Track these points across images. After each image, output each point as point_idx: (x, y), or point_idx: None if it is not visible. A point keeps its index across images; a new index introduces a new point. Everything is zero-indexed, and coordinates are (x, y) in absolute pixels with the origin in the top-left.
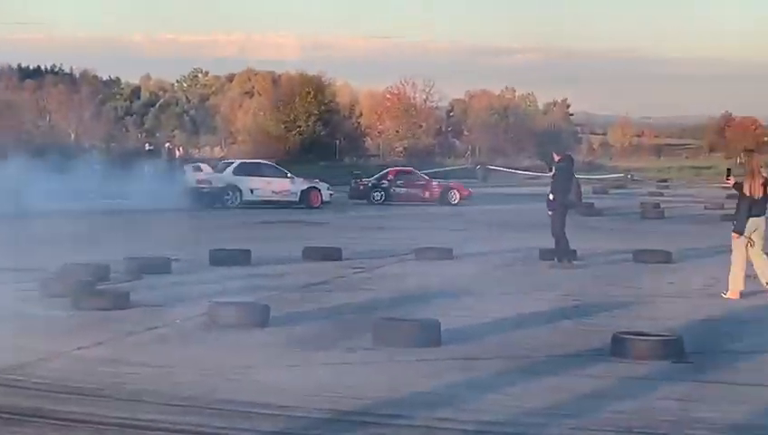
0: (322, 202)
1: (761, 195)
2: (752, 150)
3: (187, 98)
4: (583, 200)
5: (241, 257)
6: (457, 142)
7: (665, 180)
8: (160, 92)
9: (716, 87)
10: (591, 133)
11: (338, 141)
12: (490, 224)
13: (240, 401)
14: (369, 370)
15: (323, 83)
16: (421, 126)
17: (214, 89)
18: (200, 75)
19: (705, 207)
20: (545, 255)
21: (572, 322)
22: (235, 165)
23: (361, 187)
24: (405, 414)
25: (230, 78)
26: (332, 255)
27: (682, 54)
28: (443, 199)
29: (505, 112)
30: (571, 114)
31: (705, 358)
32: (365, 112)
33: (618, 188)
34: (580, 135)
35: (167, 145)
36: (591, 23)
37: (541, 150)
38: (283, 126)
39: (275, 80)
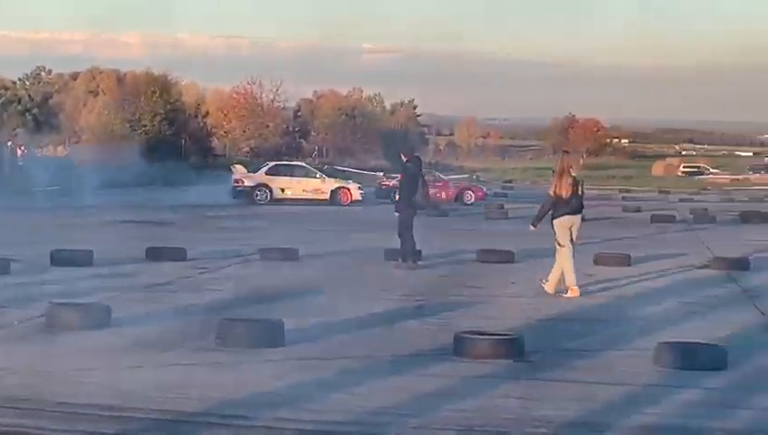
0: (352, 200)
1: (569, 194)
2: (567, 151)
3: (29, 96)
4: (430, 201)
5: (83, 258)
6: (304, 143)
7: (509, 181)
8: (2, 90)
9: (561, 89)
10: (438, 134)
11: (183, 141)
12: (336, 223)
13: (80, 403)
14: (214, 371)
15: (169, 82)
16: (268, 126)
17: (57, 87)
18: (43, 73)
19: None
20: (390, 255)
21: (416, 321)
22: (268, 166)
23: (383, 187)
24: (248, 415)
25: (74, 76)
26: (176, 255)
27: (529, 57)
28: (459, 199)
29: (353, 113)
30: (419, 115)
31: (544, 356)
32: (212, 112)
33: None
34: (426, 136)
35: (9, 143)
36: (441, 24)
37: (387, 151)
38: (127, 125)
39: (120, 78)
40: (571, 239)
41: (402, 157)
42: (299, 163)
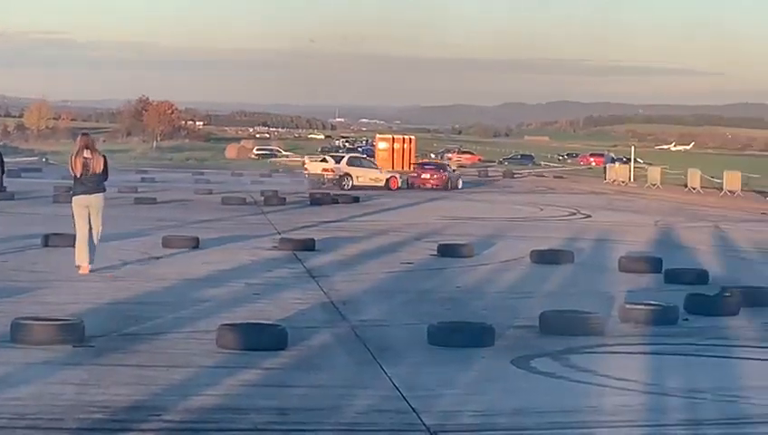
0: (399, 187)
1: (80, 173)
2: (85, 134)
3: None
4: (4, 184)
5: None
6: None
7: None
8: None
9: (133, 72)
10: (7, 115)
11: None
12: None
13: None
14: None
15: None
16: None
17: None
18: None
19: (119, 191)
20: None
21: None
22: (346, 158)
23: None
24: None
25: None
26: None
27: (103, 37)
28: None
29: None
30: None
31: (106, 341)
32: None
33: (34, 171)
34: None
35: None
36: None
37: None
38: None
39: None
40: (101, 218)
41: None
42: (363, 156)
